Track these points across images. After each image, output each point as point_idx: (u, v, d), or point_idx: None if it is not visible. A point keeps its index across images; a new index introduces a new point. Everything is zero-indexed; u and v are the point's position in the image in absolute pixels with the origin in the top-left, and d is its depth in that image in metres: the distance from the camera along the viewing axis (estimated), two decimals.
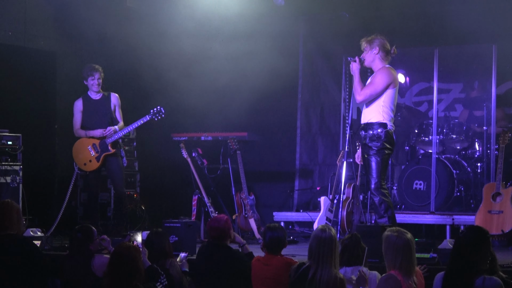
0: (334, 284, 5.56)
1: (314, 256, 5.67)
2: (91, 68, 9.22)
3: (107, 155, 9.15)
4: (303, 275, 5.68)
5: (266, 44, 10.74)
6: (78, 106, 9.31)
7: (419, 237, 9.26)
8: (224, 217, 6.85)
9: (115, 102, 9.31)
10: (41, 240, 8.24)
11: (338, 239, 7.86)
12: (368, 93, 7.73)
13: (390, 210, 7.65)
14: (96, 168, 9.23)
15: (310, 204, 11.62)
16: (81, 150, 9.25)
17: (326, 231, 5.70)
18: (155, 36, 10.78)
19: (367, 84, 7.82)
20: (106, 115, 9.23)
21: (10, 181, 9.47)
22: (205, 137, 11.14)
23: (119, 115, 9.32)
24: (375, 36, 7.85)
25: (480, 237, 5.21)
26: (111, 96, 9.29)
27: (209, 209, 9.85)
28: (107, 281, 5.30)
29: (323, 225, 5.84)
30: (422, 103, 11.75)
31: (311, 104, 11.97)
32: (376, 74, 7.80)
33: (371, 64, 7.88)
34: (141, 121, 9.18)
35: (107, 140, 9.13)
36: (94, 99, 9.27)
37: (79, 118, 9.30)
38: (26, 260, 6.43)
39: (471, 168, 10.64)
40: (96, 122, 9.20)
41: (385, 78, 7.71)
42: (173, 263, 6.61)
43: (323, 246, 5.64)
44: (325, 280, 5.57)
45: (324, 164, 11.88)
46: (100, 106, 9.25)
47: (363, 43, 7.88)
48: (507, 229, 8.82)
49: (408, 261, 5.27)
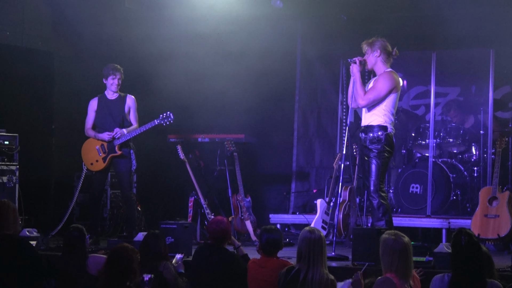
0: (326, 284, 5.59)
1: (304, 257, 5.69)
2: (113, 67, 9.17)
3: (114, 157, 9.14)
4: (294, 278, 5.69)
5: (264, 46, 10.75)
6: (92, 105, 9.28)
7: (415, 240, 9.25)
8: (224, 219, 6.87)
9: (130, 104, 9.26)
10: (37, 240, 8.23)
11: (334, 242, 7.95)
12: (372, 98, 7.70)
13: (388, 214, 7.65)
14: (102, 169, 9.21)
15: (306, 206, 11.62)
16: (90, 150, 9.24)
17: (315, 232, 5.73)
18: (152, 37, 10.77)
19: (370, 89, 7.79)
20: (119, 116, 9.19)
21: (6, 181, 9.46)
22: (202, 139, 11.15)
23: (134, 117, 9.26)
24: (376, 38, 7.84)
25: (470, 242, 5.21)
26: (126, 97, 9.25)
27: (205, 210, 9.85)
28: (102, 280, 5.30)
29: (310, 227, 5.84)
30: (419, 107, 11.76)
31: (308, 106, 11.97)
32: (379, 78, 7.78)
33: (373, 66, 7.86)
34: (150, 125, 9.14)
35: (115, 141, 9.10)
36: (110, 99, 9.23)
37: (92, 117, 9.27)
38: (22, 260, 6.42)
39: (467, 172, 10.66)
40: (107, 122, 9.17)
41: (388, 83, 7.69)
42: (167, 265, 6.58)
43: (313, 247, 5.66)
44: (317, 280, 5.59)
45: (321, 166, 11.88)
46: (114, 107, 9.22)
47: (364, 46, 7.86)
48: (503, 233, 8.83)
49: (405, 265, 5.27)
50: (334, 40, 11.40)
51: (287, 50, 11.51)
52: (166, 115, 9.19)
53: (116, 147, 9.11)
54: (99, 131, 9.21)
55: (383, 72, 7.78)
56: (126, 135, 9.11)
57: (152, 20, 10.77)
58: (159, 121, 9.17)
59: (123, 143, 9.12)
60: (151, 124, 9.15)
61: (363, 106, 7.81)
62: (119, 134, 9.09)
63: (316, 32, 11.58)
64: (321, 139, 11.98)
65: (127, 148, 9.18)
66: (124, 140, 9.11)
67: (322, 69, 11.92)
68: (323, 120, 11.98)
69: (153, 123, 9.16)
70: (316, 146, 11.99)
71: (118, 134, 9.09)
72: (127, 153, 9.16)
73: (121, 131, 9.10)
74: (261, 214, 10.82)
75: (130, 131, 9.14)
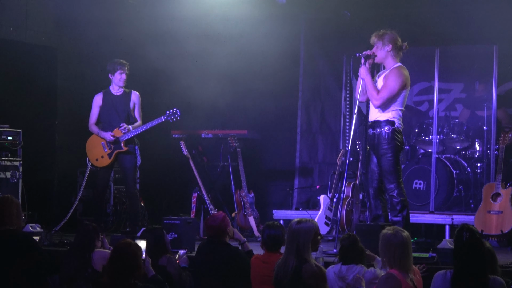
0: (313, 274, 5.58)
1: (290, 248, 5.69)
2: (120, 62, 9.16)
3: (119, 153, 9.14)
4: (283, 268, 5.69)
5: (267, 43, 10.73)
6: (97, 100, 9.26)
7: (418, 236, 9.26)
8: (221, 215, 6.83)
9: (135, 100, 9.26)
10: (40, 235, 8.24)
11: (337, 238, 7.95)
12: (385, 97, 7.64)
13: (406, 210, 7.65)
14: (107, 165, 9.22)
15: (309, 202, 11.62)
16: (95, 145, 9.24)
17: (302, 222, 5.73)
18: (155, 33, 10.78)
19: (382, 88, 7.68)
20: (124, 111, 9.19)
21: (10, 176, 9.48)
22: (205, 135, 11.15)
23: (138, 114, 9.26)
24: (386, 31, 7.74)
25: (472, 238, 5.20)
26: (131, 93, 9.25)
27: (208, 206, 9.86)
28: (107, 276, 5.31)
29: (299, 218, 5.84)
30: (423, 103, 11.74)
31: (312, 102, 11.97)
32: (389, 75, 7.69)
33: (383, 60, 7.79)
34: (156, 122, 9.14)
35: (121, 137, 9.10)
36: (115, 95, 9.23)
37: (96, 112, 9.25)
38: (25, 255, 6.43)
39: (471, 168, 10.64)
40: (113, 118, 9.17)
41: (399, 79, 7.63)
42: (170, 259, 6.61)
43: (297, 237, 5.66)
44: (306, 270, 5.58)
45: (324, 162, 11.87)
46: (119, 102, 9.21)
47: (374, 38, 7.76)
48: (506, 229, 8.82)
49: (404, 258, 5.28)
50: (338, 37, 11.39)
51: (291, 46, 11.49)
52: (172, 111, 9.19)
53: (122, 143, 9.11)
54: (104, 127, 9.21)
55: (394, 68, 7.71)
56: (132, 131, 9.11)
57: (155, 17, 10.76)
58: (165, 118, 9.17)
59: (128, 139, 9.12)
60: (158, 121, 9.15)
61: (377, 106, 7.72)
62: (126, 129, 9.08)
63: (320, 28, 11.57)
64: (325, 135, 11.97)
65: (132, 144, 9.18)
66: (130, 136, 9.11)
67: (325, 65, 11.91)
68: (326, 116, 11.97)
69: (159, 119, 9.15)
70: (320, 142, 11.98)
71: (125, 129, 9.08)
72: (132, 149, 9.17)
73: (128, 126, 9.10)
74: (264, 210, 10.84)
75: (135, 128, 9.14)
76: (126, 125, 9.09)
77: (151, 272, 6.17)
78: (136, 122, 9.23)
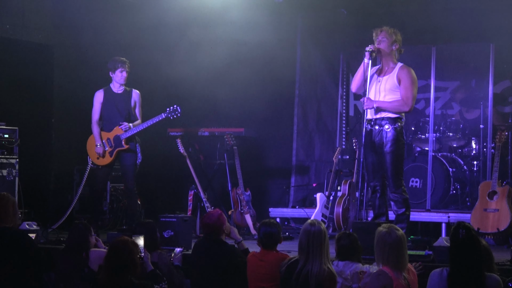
0: (323, 277, 5.61)
1: (303, 249, 5.72)
2: (120, 60, 9.12)
3: (120, 151, 9.14)
4: (291, 268, 5.74)
5: (264, 40, 10.73)
6: (98, 97, 9.22)
7: (414, 234, 9.26)
8: (216, 213, 6.83)
9: (136, 98, 9.24)
10: (36, 233, 8.23)
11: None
12: (412, 103, 7.63)
13: (408, 209, 7.68)
14: (108, 163, 9.21)
15: (306, 200, 11.63)
16: (95, 143, 9.21)
17: (315, 225, 5.76)
18: (152, 28, 10.77)
19: (402, 90, 7.60)
20: (125, 110, 9.16)
21: (6, 174, 9.46)
22: (201, 133, 11.15)
23: (139, 112, 9.24)
24: (396, 30, 7.73)
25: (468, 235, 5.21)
26: (132, 92, 9.22)
27: (205, 204, 9.85)
28: (103, 274, 5.31)
29: (313, 220, 5.88)
30: (419, 101, 11.73)
31: (308, 100, 11.97)
32: (405, 78, 7.63)
33: (385, 56, 7.72)
34: (157, 119, 9.12)
35: (122, 135, 9.09)
36: (116, 93, 9.19)
37: (98, 109, 9.20)
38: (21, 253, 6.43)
39: (467, 166, 10.66)
40: (114, 116, 9.14)
41: (415, 82, 7.69)
42: (161, 255, 6.62)
43: (312, 240, 5.69)
44: (314, 273, 5.61)
45: (320, 160, 11.88)
46: (121, 100, 9.19)
47: (384, 32, 7.68)
48: (502, 227, 8.83)
49: (397, 257, 5.29)
50: (334, 34, 11.41)
51: (287, 44, 11.51)
52: (173, 108, 9.18)
53: (123, 141, 9.10)
54: (105, 125, 9.20)
55: (404, 70, 7.67)
56: (133, 129, 9.10)
57: (151, 11, 10.74)
58: (166, 115, 9.16)
59: (129, 137, 9.12)
60: (158, 118, 9.14)
61: (408, 112, 7.72)
62: (126, 127, 9.07)
63: (316, 26, 11.57)
64: (321, 133, 11.98)
65: (133, 142, 9.17)
66: (131, 134, 9.10)
67: (322, 63, 11.92)
68: (323, 114, 11.98)
69: (160, 116, 9.14)
70: (316, 140, 11.99)
71: (127, 127, 9.07)
72: (133, 147, 9.16)
73: (129, 124, 9.10)
74: (260, 208, 10.83)
75: (136, 126, 9.13)
76: (127, 123, 9.09)
77: (150, 267, 6.18)
78: (137, 120, 9.22)
